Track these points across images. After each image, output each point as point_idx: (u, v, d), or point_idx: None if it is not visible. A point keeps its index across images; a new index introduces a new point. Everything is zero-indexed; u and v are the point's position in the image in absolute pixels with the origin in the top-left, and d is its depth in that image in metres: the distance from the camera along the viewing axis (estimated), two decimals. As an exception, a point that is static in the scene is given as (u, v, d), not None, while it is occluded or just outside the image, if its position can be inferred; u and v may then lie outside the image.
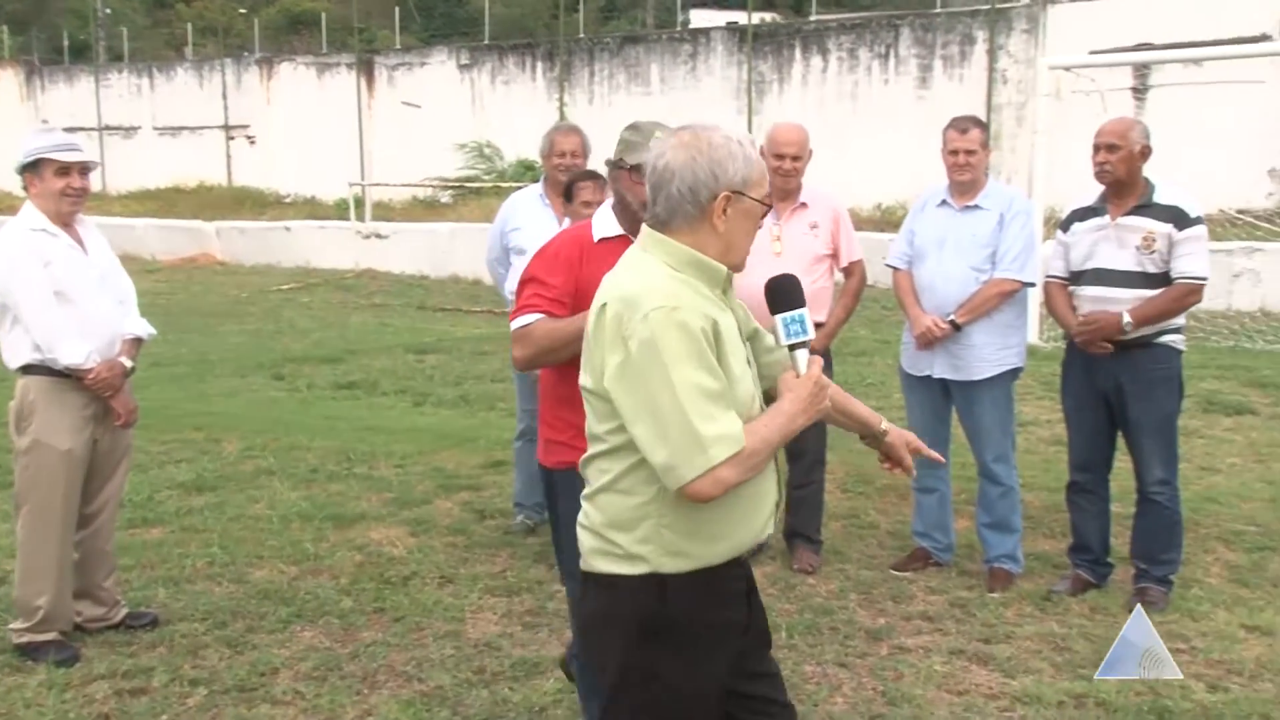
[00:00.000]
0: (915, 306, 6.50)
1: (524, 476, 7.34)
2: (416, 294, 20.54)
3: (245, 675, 5.24)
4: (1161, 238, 5.99)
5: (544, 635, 5.72)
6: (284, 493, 7.98)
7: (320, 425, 10.01)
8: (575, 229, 4.46)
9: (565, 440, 4.19)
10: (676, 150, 3.00)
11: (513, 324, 4.24)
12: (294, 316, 17.68)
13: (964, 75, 26.59)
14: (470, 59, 32.94)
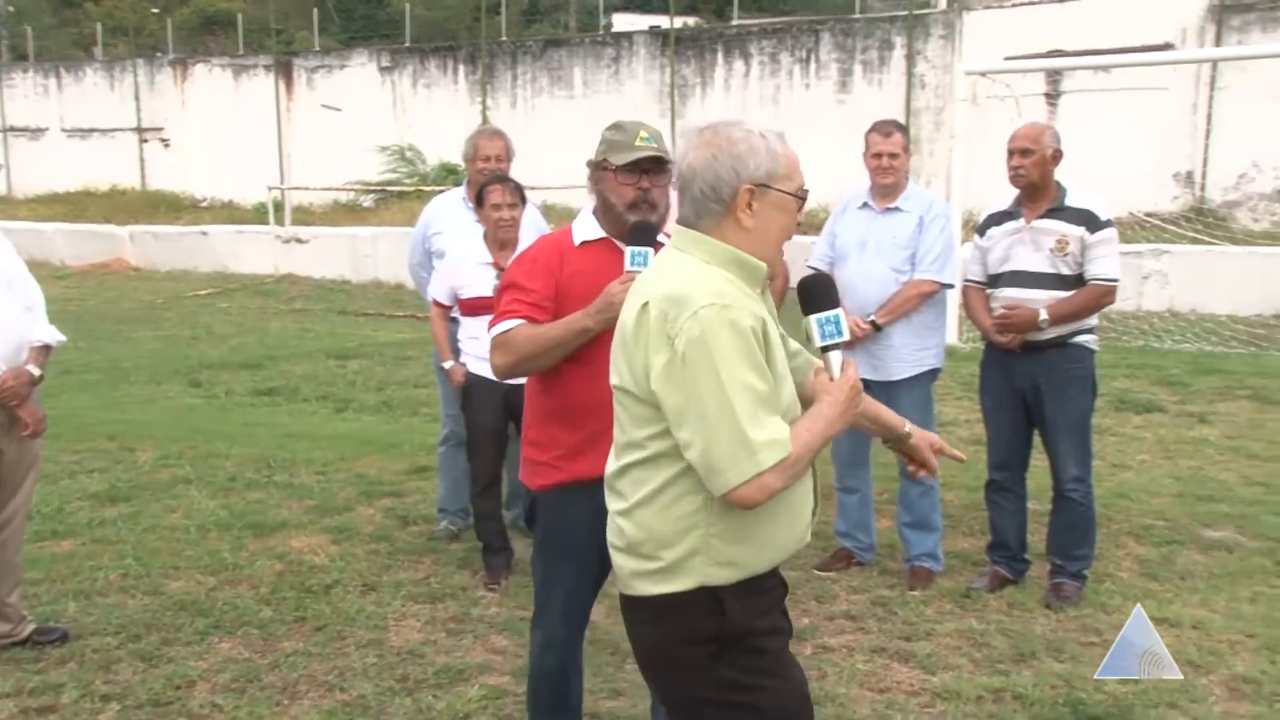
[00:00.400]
0: None
1: (447, 482, 7.36)
2: (338, 299, 20.41)
3: (160, 689, 5.17)
4: (1074, 240, 6.12)
5: (468, 642, 5.71)
6: (201, 502, 7.89)
7: (239, 432, 9.92)
8: (554, 234, 4.34)
9: (551, 461, 4.09)
10: (698, 150, 2.97)
11: (491, 331, 4.10)
12: (211, 322, 17.48)
13: (883, 80, 26.85)
14: (391, 61, 32.77)
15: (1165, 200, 23.02)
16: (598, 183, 4.11)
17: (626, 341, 2.97)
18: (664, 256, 3.12)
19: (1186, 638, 5.69)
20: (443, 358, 6.79)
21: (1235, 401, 11.13)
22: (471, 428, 6.65)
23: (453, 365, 6.67)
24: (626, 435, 3.03)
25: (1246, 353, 13.77)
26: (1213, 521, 7.46)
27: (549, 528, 4.15)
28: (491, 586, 6.40)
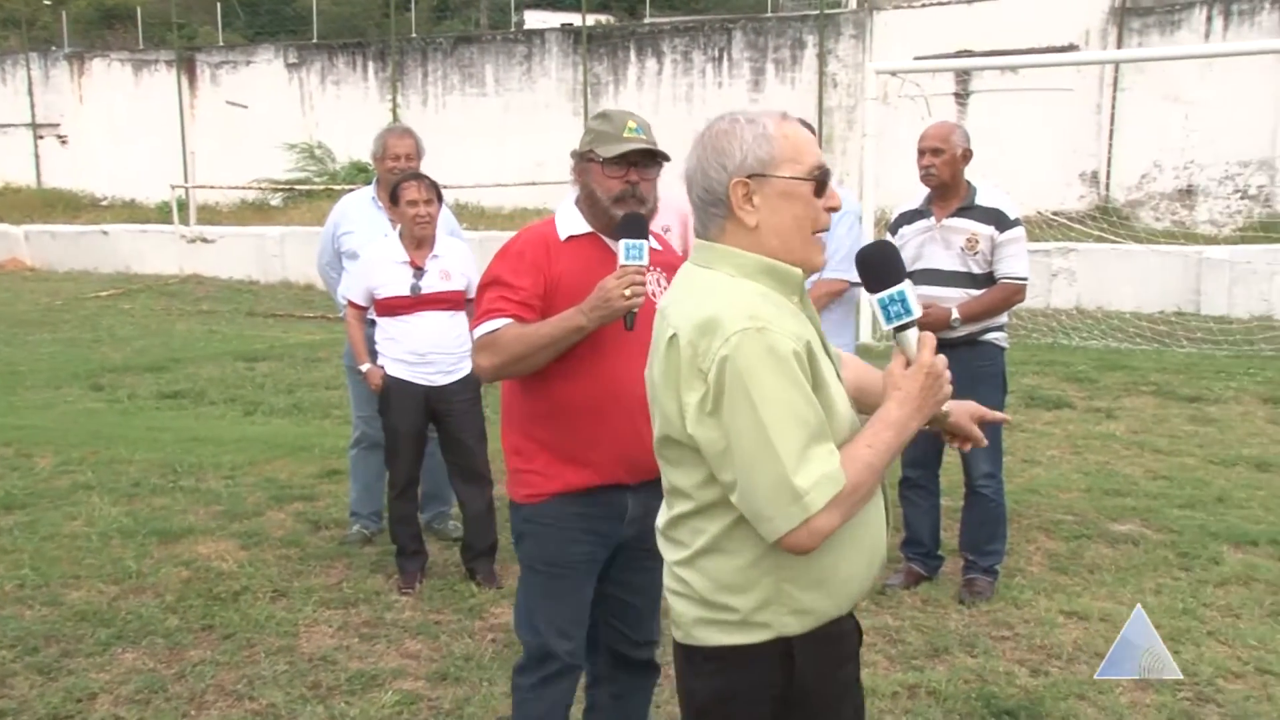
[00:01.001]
0: None
1: (359, 486, 7.29)
2: (245, 300, 20.15)
3: (59, 703, 5.03)
4: (984, 239, 6.19)
5: (381, 647, 5.64)
6: (103, 509, 7.71)
7: (143, 437, 9.72)
8: (538, 227, 4.01)
9: (539, 469, 3.83)
10: (690, 154, 2.73)
11: (475, 331, 3.82)
12: (114, 324, 17.19)
13: (795, 79, 27.02)
14: (298, 58, 32.49)
15: (1072, 199, 23.39)
16: (582, 175, 3.89)
17: (656, 381, 2.69)
18: (686, 276, 2.77)
19: (1095, 630, 5.80)
20: (359, 360, 6.68)
21: (1140, 397, 11.37)
22: (390, 431, 6.56)
23: (370, 368, 6.55)
24: (672, 483, 2.74)
25: (1150, 349, 14.11)
26: (1119, 516, 7.59)
27: (543, 545, 3.87)
28: (406, 591, 6.34)
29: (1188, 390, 11.54)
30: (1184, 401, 11.15)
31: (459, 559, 6.72)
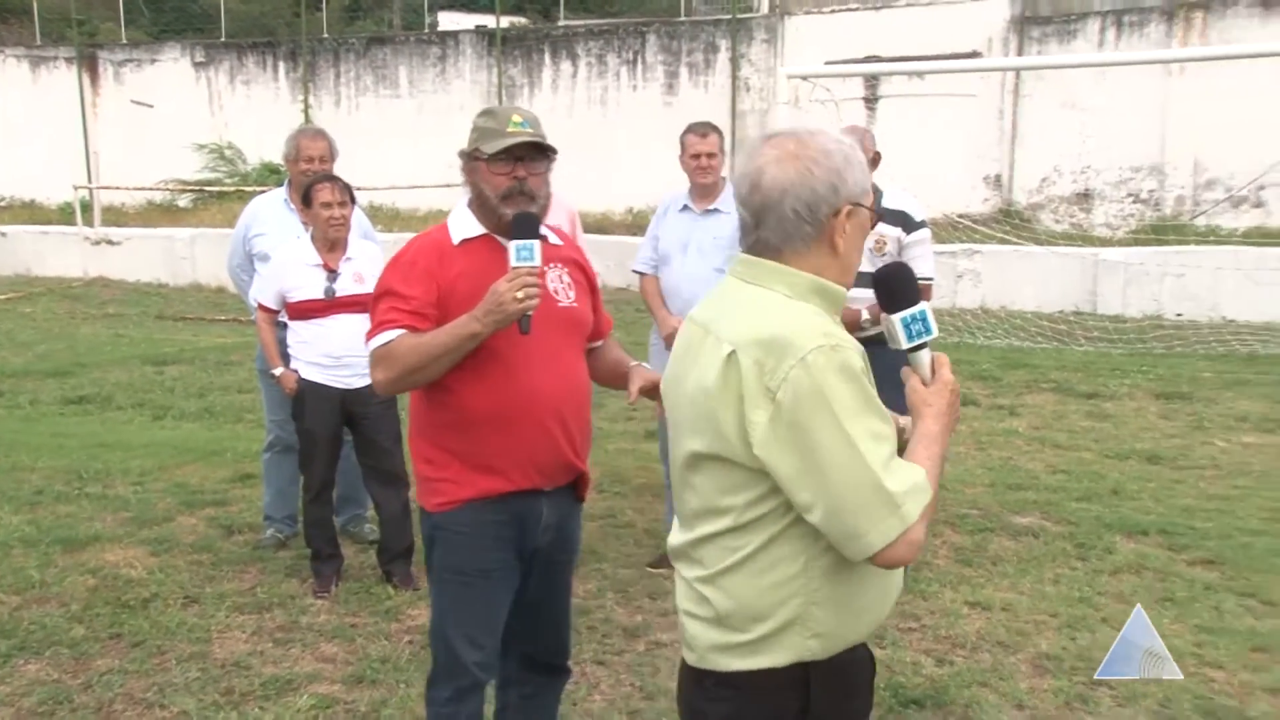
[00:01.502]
0: (662, 309, 6.60)
1: (273, 489, 7.22)
2: (154, 303, 19.80)
3: (-40, 715, 4.95)
4: (892, 241, 6.26)
5: (296, 651, 5.59)
6: (4, 518, 7.51)
7: (47, 443, 9.51)
8: (431, 233, 3.86)
9: (451, 477, 3.70)
10: (784, 163, 2.55)
11: (369, 343, 3.68)
12: (13, 328, 16.75)
13: (709, 83, 27.12)
14: (206, 57, 32.02)
15: (976, 202, 23.70)
16: (471, 174, 3.75)
17: (706, 397, 2.53)
18: (732, 292, 2.65)
19: (996, 620, 5.95)
20: (271, 364, 6.60)
21: (1040, 394, 11.68)
22: (305, 435, 6.50)
23: (283, 372, 6.49)
24: (706, 502, 2.60)
25: (1050, 347, 14.47)
26: (1021, 509, 7.81)
27: (455, 553, 3.75)
28: (321, 594, 6.29)
29: (1085, 387, 11.87)
30: (1082, 398, 11.48)
31: (375, 561, 6.68)
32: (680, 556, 2.73)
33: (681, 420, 2.67)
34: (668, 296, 6.61)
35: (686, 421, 2.63)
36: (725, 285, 2.70)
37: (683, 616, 2.70)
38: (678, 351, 2.75)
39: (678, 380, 2.70)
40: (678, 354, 2.75)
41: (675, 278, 6.56)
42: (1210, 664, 5.49)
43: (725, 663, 2.59)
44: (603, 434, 8.91)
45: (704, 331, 2.62)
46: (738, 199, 2.64)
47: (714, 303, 2.70)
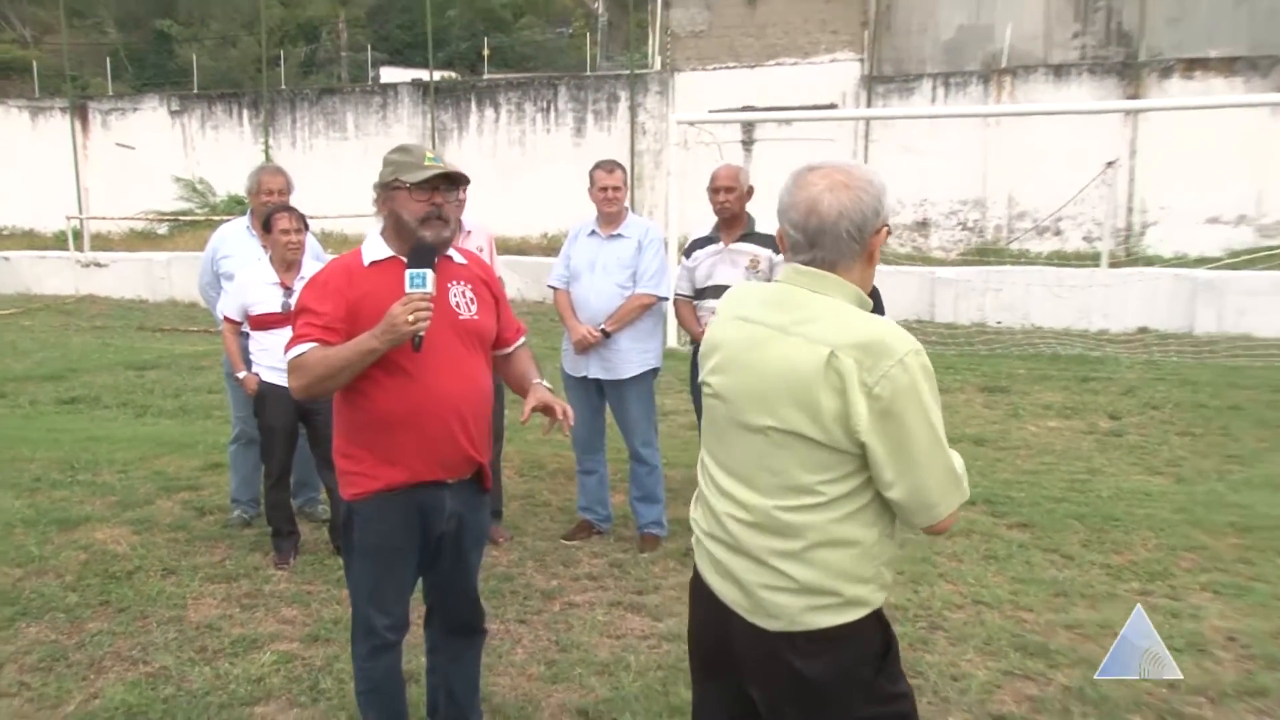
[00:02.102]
0: (572, 319, 6.58)
1: (239, 476, 7.10)
2: (136, 316, 19.40)
3: (-29, 672, 4.83)
4: (764, 259, 6.35)
5: (261, 614, 5.50)
6: (7, 501, 7.36)
7: (43, 438, 9.30)
8: (344, 257, 3.78)
9: (364, 470, 3.62)
10: (837, 191, 2.56)
11: (286, 355, 3.59)
12: (15, 339, 16.34)
13: (611, 127, 27.26)
14: (181, 106, 31.72)
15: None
16: (388, 203, 3.66)
17: (803, 388, 2.50)
18: (802, 299, 2.62)
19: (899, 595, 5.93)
20: (235, 368, 6.52)
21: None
22: (265, 430, 6.43)
23: (246, 375, 6.42)
24: (788, 479, 2.56)
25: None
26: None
27: (367, 535, 3.68)
28: (281, 566, 6.20)
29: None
30: (922, 392, 11.51)
31: (327, 537, 6.61)
32: (757, 530, 2.61)
33: (749, 402, 2.61)
34: (577, 308, 6.59)
35: (760, 403, 2.58)
36: (787, 293, 2.65)
37: (760, 590, 2.59)
38: (735, 344, 2.68)
39: (741, 367, 2.64)
40: (736, 346, 2.68)
41: (584, 292, 6.54)
42: (1023, 608, 5.59)
43: (817, 621, 2.55)
44: (519, 426, 8.84)
45: (779, 332, 2.58)
46: (790, 222, 2.63)
47: (777, 307, 2.65)
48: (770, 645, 2.59)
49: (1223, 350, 14.24)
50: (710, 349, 2.76)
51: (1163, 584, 5.96)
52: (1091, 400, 11.09)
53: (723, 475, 2.70)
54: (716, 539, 2.71)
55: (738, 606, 2.64)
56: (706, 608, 2.76)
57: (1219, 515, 7.11)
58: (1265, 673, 4.90)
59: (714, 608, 2.72)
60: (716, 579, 2.71)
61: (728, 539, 2.66)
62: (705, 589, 2.76)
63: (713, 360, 2.74)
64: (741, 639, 2.65)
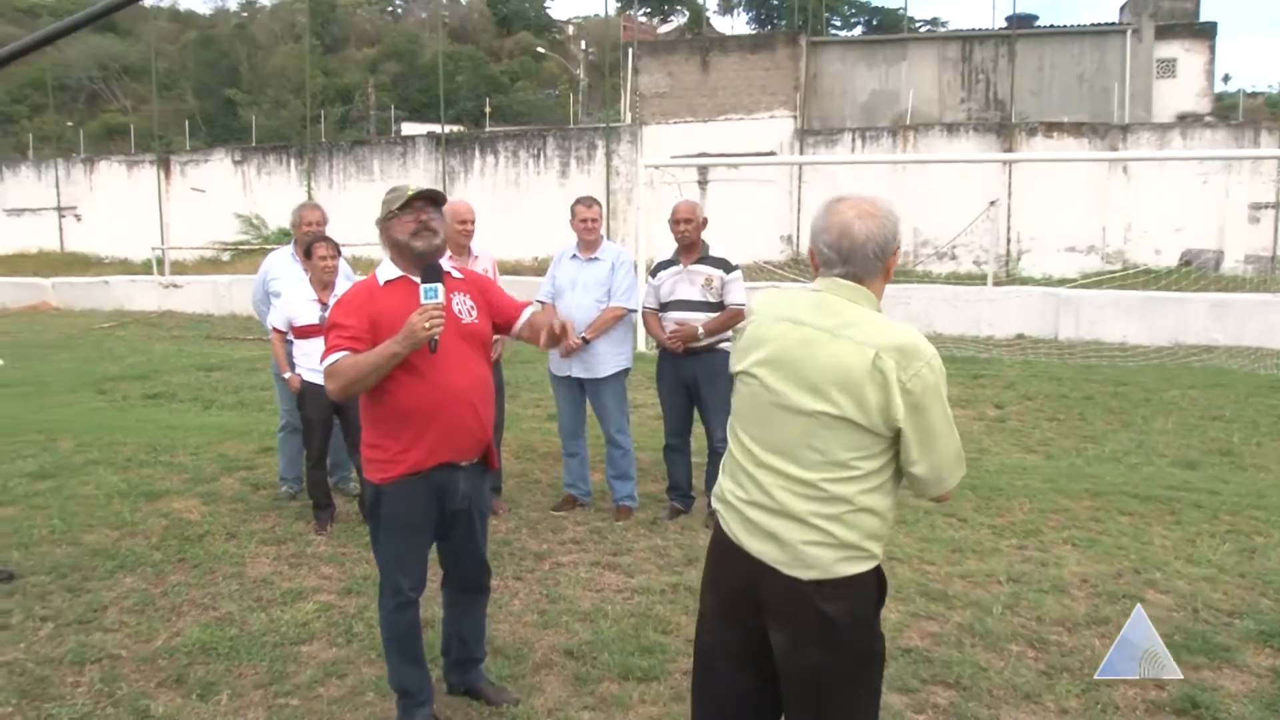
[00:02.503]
0: None
1: (285, 458, 7.03)
2: (204, 328, 19.26)
3: (83, 612, 4.83)
4: (717, 279, 6.30)
5: (305, 571, 5.47)
6: (107, 477, 7.31)
7: (133, 426, 9.23)
8: (365, 280, 3.73)
9: (390, 457, 3.55)
10: (865, 220, 2.57)
11: (323, 363, 3.54)
12: (112, 347, 16.24)
13: (590, 169, 27.27)
14: (241, 156, 31.62)
15: (775, 253, 24.06)
16: (387, 232, 3.63)
17: (853, 382, 2.49)
18: (840, 307, 2.59)
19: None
20: (282, 370, 6.49)
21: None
22: (306, 421, 6.38)
23: (290, 376, 6.38)
24: (827, 455, 2.53)
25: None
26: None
27: (394, 514, 3.61)
28: (320, 532, 6.14)
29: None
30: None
31: (357, 509, 6.54)
32: (799, 495, 2.57)
33: (802, 390, 2.55)
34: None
35: (815, 392, 2.53)
36: (828, 301, 2.61)
37: (801, 546, 2.54)
38: (786, 342, 2.61)
39: (794, 361, 2.58)
40: (787, 343, 2.61)
41: (567, 307, 6.50)
42: (927, 562, 5.58)
43: (845, 570, 2.53)
44: (516, 417, 8.84)
45: (828, 334, 2.54)
46: (824, 243, 2.61)
47: (822, 312, 2.60)
48: (802, 592, 2.54)
49: (1079, 353, 14.35)
50: (753, 344, 2.68)
51: (1035, 540, 6.00)
52: (981, 393, 11.12)
53: (766, 452, 2.62)
54: (758, 505, 2.61)
55: (774, 561, 2.57)
56: (735, 565, 2.66)
57: (1077, 484, 7.16)
58: (1108, 606, 4.95)
59: (744, 564, 2.63)
60: (751, 540, 2.61)
61: (773, 505, 2.58)
62: (734, 549, 2.66)
63: (757, 354, 2.65)
64: (774, 589, 2.58)
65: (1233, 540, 5.93)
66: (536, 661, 4.34)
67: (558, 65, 55.59)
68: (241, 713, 3.90)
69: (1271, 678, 4.20)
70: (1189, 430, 9.12)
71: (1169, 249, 22.07)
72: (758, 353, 2.65)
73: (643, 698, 4.01)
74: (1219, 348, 14.24)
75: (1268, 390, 11.12)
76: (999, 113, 25.87)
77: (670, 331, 6.37)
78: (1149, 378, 12.00)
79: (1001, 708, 3.94)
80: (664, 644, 4.48)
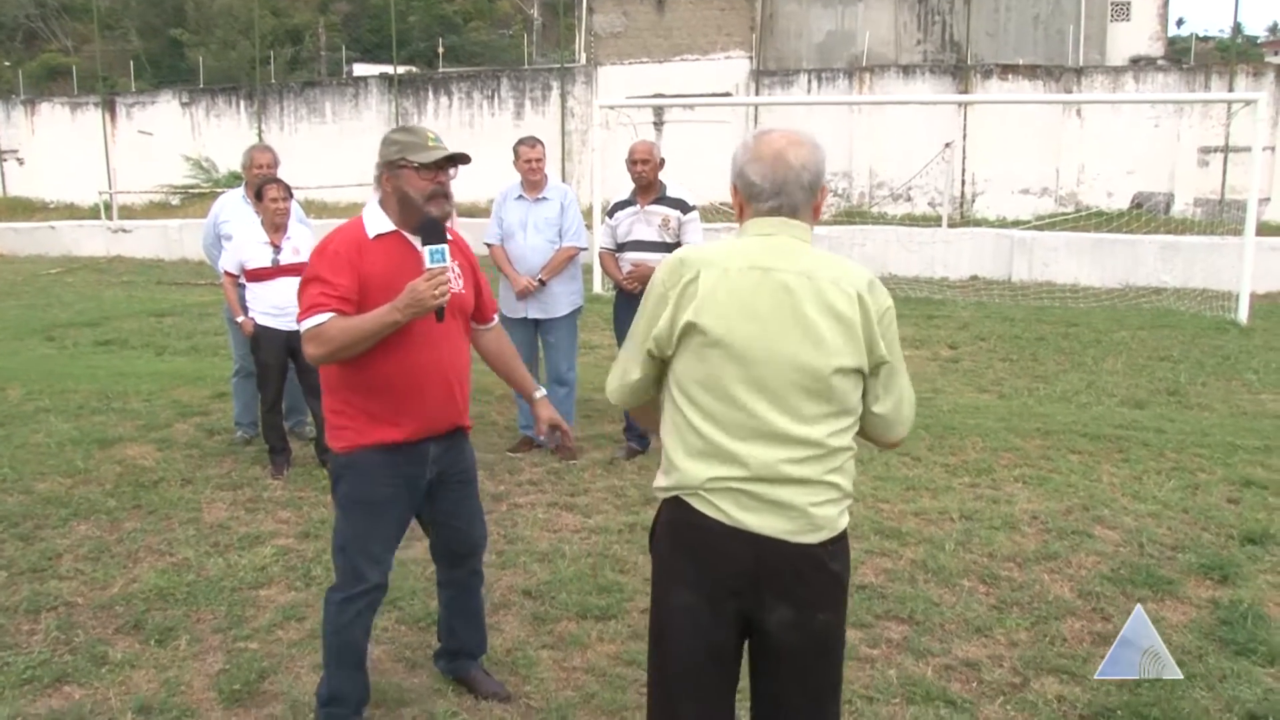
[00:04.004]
0: (512, 270, 6.52)
1: (240, 403, 6.98)
2: (155, 273, 18.89)
3: (37, 560, 4.78)
4: (674, 219, 6.33)
5: (261, 516, 5.44)
6: (58, 425, 7.20)
7: (84, 373, 9.07)
8: (348, 229, 3.26)
9: (356, 425, 3.20)
10: (799, 147, 2.38)
11: (304, 324, 3.12)
12: (60, 293, 15.85)
13: (545, 111, 26.87)
14: (189, 99, 30.81)
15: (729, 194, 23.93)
16: (393, 180, 3.18)
17: (846, 326, 2.31)
18: (798, 249, 2.38)
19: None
20: (235, 314, 6.40)
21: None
22: (260, 365, 6.30)
23: (244, 319, 6.29)
24: (842, 404, 2.35)
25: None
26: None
27: (353, 489, 3.25)
28: (277, 476, 6.11)
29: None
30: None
31: (314, 452, 6.51)
32: (811, 458, 2.34)
33: (792, 341, 2.31)
34: (514, 261, 6.52)
35: (809, 340, 2.31)
36: (785, 244, 2.38)
37: (810, 509, 2.33)
38: (763, 291, 2.33)
39: (777, 314, 2.32)
40: (766, 293, 2.33)
41: (520, 249, 6.48)
42: (881, 500, 5.67)
43: (843, 522, 2.40)
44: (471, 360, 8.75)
45: (805, 278, 2.32)
46: (755, 173, 2.41)
47: (792, 257, 2.36)
48: (815, 556, 2.35)
49: (1032, 294, 14.51)
50: (723, 301, 2.34)
51: (987, 478, 6.10)
52: (935, 334, 11.23)
53: (756, 421, 2.33)
54: (761, 479, 2.32)
55: (783, 533, 2.32)
56: (727, 550, 2.35)
57: (1028, 423, 7.27)
58: (1056, 541, 5.07)
59: (741, 546, 2.34)
60: (753, 516, 2.32)
61: (775, 474, 2.32)
62: (725, 533, 2.34)
63: (730, 313, 2.34)
64: (780, 562, 2.35)
65: (1177, 477, 6.07)
66: (495, 602, 4.36)
67: (511, 4, 54.67)
68: (200, 657, 3.89)
69: (1210, 608, 4.32)
70: (1137, 370, 9.28)
71: (1121, 191, 22.28)
72: (731, 311, 2.34)
73: (601, 636, 4.05)
74: (1168, 289, 14.45)
75: (1213, 332, 11.33)
76: (955, 55, 25.83)
77: (627, 272, 6.37)
78: (1099, 319, 12.18)
79: (953, 641, 4.02)
80: (621, 583, 4.52)
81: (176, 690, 3.64)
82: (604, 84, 26.01)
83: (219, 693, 3.62)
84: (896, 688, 3.66)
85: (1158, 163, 22.12)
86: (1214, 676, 3.74)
